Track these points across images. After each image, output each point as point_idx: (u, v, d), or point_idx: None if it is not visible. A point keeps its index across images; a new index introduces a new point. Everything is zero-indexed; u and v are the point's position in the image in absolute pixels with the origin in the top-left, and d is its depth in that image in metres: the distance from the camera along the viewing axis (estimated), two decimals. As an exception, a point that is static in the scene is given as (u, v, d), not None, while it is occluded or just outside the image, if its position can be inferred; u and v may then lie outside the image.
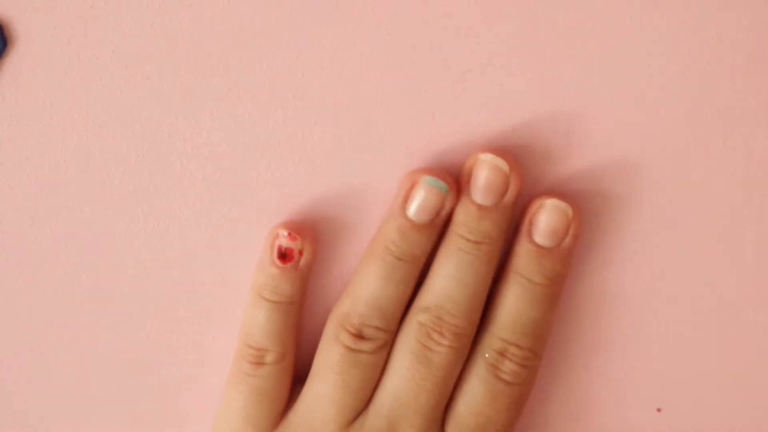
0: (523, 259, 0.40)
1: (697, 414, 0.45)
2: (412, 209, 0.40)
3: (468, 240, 0.40)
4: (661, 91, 0.39)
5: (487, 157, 0.40)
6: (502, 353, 0.40)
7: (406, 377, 0.40)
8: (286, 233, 0.40)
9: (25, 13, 0.37)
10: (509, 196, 0.40)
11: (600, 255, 0.41)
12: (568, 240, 0.40)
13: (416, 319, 0.40)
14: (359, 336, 0.40)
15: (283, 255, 0.40)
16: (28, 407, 0.42)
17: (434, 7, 0.38)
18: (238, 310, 0.41)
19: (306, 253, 0.40)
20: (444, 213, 0.40)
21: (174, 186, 0.40)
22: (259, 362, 0.40)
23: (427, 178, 0.39)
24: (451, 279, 0.40)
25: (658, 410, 0.45)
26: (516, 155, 0.40)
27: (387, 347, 0.41)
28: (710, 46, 0.39)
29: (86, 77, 0.38)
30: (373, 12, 0.38)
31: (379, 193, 0.41)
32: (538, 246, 0.40)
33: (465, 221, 0.40)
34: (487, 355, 0.41)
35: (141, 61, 0.38)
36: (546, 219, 0.40)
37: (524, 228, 0.40)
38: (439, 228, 0.40)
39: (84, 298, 0.41)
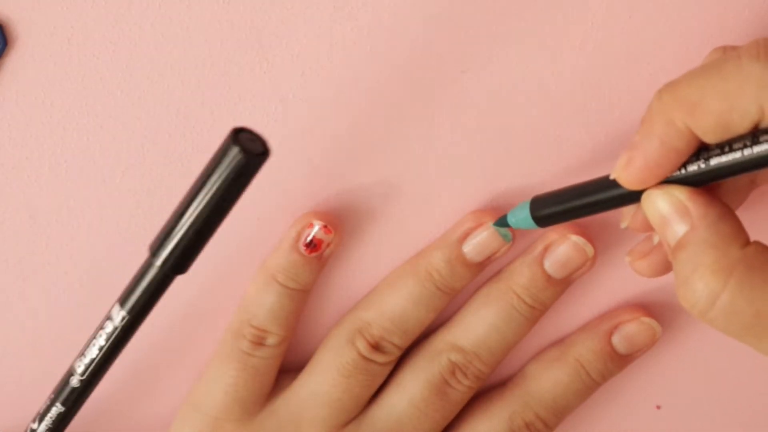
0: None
1: (697, 412, 0.45)
2: (469, 247, 0.40)
3: (525, 303, 0.40)
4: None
5: (578, 240, 0.40)
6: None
7: (416, 404, 0.41)
8: (321, 225, 0.40)
9: (25, 13, 0.37)
10: (577, 275, 0.40)
11: (601, 254, 0.41)
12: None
13: (448, 356, 0.41)
14: (376, 347, 0.40)
15: (312, 245, 0.40)
16: (28, 407, 0.42)
17: (434, 6, 0.38)
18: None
19: (332, 246, 0.40)
20: (495, 258, 0.40)
21: (174, 186, 0.40)
22: (259, 343, 0.40)
23: (496, 224, 0.40)
24: (493, 330, 0.41)
25: (658, 407, 0.45)
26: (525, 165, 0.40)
27: (396, 361, 0.41)
28: (711, 46, 0.39)
29: (86, 77, 0.38)
30: (373, 11, 0.38)
31: (376, 189, 0.41)
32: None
33: (528, 285, 0.40)
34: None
35: (141, 61, 0.38)
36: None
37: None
38: (484, 268, 0.41)
39: (84, 298, 0.41)
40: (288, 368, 0.42)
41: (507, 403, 0.42)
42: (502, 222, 0.39)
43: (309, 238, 0.39)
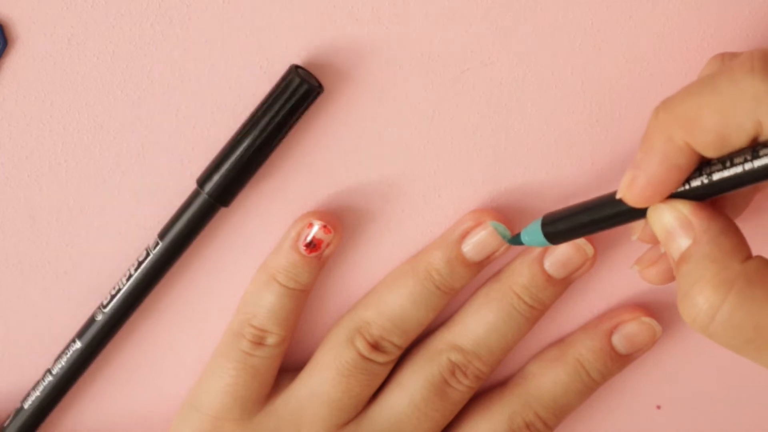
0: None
1: (697, 412, 0.45)
2: (469, 246, 0.40)
3: (525, 303, 0.40)
4: (661, 90, 0.39)
5: (578, 240, 0.40)
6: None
7: (416, 404, 0.41)
8: (321, 224, 0.39)
9: (25, 13, 0.37)
10: (577, 275, 0.40)
11: (601, 254, 0.41)
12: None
13: (447, 356, 0.41)
14: (375, 347, 0.40)
15: (312, 245, 0.40)
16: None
17: (435, 5, 0.38)
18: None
19: (332, 246, 0.40)
20: (495, 257, 0.40)
21: (174, 185, 0.40)
22: (259, 342, 0.40)
23: (494, 223, 0.40)
24: (493, 330, 0.41)
25: (658, 407, 0.45)
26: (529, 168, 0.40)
27: (396, 361, 0.41)
28: (711, 46, 0.39)
29: (86, 77, 0.38)
30: (373, 11, 0.38)
31: (376, 189, 0.41)
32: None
33: (528, 284, 0.40)
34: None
35: (141, 61, 0.38)
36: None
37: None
38: (483, 267, 0.41)
39: (84, 298, 0.41)
40: (288, 368, 0.42)
41: (507, 402, 0.42)
42: (515, 241, 0.39)
43: (309, 238, 0.39)
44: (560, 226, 0.36)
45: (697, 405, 0.45)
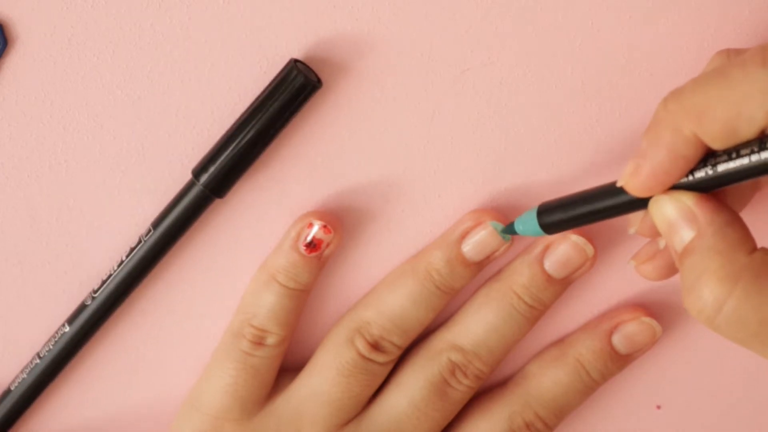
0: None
1: (697, 412, 0.45)
2: (469, 246, 0.40)
3: (525, 302, 0.40)
4: (661, 90, 0.39)
5: (578, 240, 0.40)
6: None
7: (416, 403, 0.41)
8: (321, 224, 0.39)
9: (25, 13, 0.37)
10: (577, 275, 0.40)
11: (601, 253, 0.41)
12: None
13: (447, 355, 0.41)
14: (375, 347, 0.40)
15: (312, 245, 0.40)
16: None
17: (435, 5, 0.38)
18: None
19: (332, 246, 0.40)
20: (494, 257, 0.40)
21: (175, 186, 0.40)
22: (259, 342, 0.40)
23: (494, 223, 0.40)
24: (493, 330, 0.41)
25: (658, 407, 0.45)
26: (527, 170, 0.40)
27: (396, 360, 0.41)
28: (711, 46, 0.39)
29: (86, 77, 0.38)
30: (373, 11, 0.38)
31: (376, 189, 0.41)
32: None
33: (527, 284, 0.40)
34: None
35: (141, 61, 0.38)
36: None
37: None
38: (483, 267, 0.41)
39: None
40: (288, 368, 0.42)
41: (507, 402, 0.42)
42: (509, 229, 0.39)
43: (309, 238, 0.39)
44: (556, 216, 0.36)
45: (697, 405, 0.45)
